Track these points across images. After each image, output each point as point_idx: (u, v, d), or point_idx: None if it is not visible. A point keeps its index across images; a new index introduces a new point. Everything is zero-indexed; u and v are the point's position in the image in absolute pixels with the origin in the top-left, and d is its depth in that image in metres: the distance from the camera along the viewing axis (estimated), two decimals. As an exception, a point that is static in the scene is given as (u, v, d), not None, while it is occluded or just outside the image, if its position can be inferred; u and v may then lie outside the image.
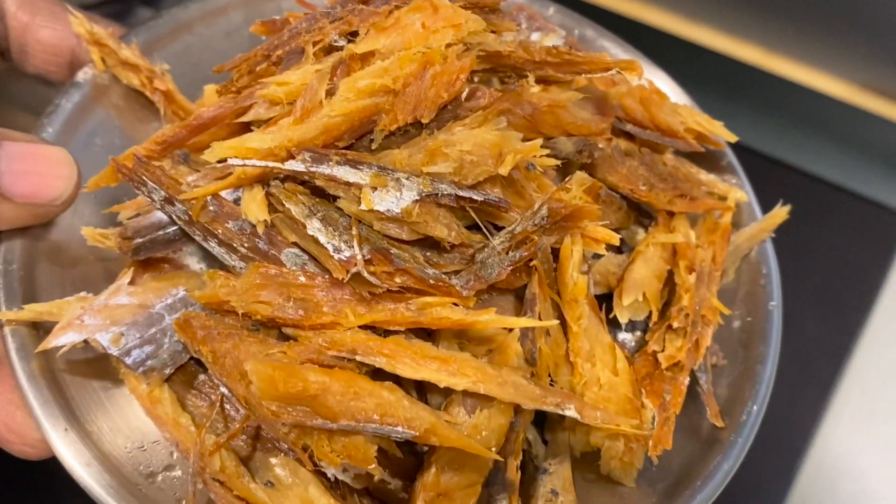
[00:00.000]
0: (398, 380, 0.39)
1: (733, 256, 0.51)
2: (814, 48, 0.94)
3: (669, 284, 0.49)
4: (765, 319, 0.49)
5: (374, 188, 0.38)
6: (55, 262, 0.46)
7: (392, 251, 0.39)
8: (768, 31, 0.95)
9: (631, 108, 0.50)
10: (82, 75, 0.51)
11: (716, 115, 0.53)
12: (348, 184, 0.38)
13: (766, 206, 0.54)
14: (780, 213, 0.52)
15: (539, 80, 0.45)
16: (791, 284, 0.80)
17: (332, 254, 0.38)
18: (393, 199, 0.38)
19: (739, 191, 0.53)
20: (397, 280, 0.39)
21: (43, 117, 0.49)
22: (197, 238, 0.42)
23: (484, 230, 0.41)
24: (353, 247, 0.38)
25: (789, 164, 0.88)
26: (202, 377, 0.44)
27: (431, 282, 0.38)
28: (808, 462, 0.72)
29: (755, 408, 0.46)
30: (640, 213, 0.51)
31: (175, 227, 0.43)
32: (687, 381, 0.45)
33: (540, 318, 0.41)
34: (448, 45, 0.40)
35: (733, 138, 0.51)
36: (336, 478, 0.40)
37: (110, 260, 0.47)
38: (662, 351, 0.45)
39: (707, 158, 0.55)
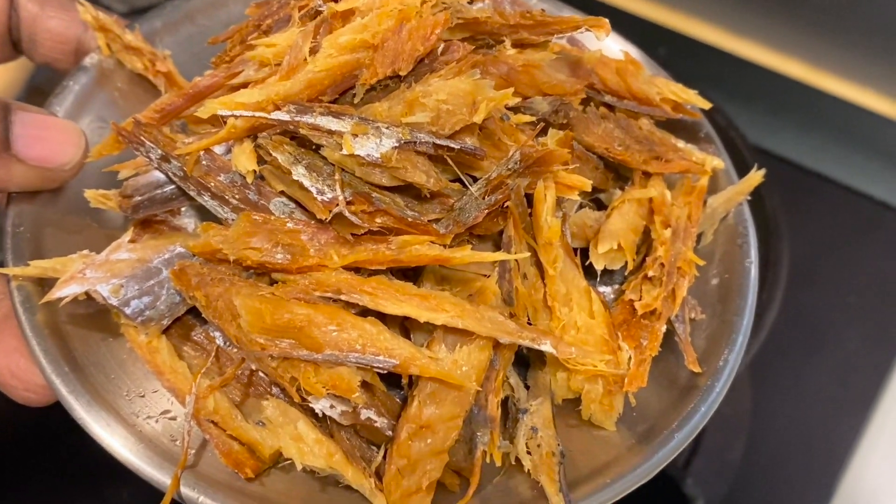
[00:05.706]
0: (384, 323, 0.41)
1: (711, 220, 0.53)
2: (860, 65, 0.95)
3: (647, 242, 0.50)
4: (741, 276, 0.51)
5: (355, 135, 0.40)
6: (61, 228, 0.48)
7: (373, 195, 0.41)
8: (815, 48, 0.97)
9: (608, 78, 0.52)
10: (89, 60, 0.54)
11: (762, 129, 0.53)
12: (331, 132, 0.41)
13: (809, 222, 0.53)
14: (756, 176, 0.53)
15: (515, 45, 0.48)
16: (833, 300, 0.81)
17: (315, 196, 0.40)
18: (373, 146, 0.40)
19: (716, 158, 0.55)
20: (378, 220, 0.41)
21: (51, 97, 0.52)
22: (191, 193, 0.44)
23: (464, 179, 0.43)
24: (335, 189, 0.40)
25: (833, 180, 0.89)
26: (198, 331, 0.46)
27: (410, 220, 0.41)
28: (845, 479, 0.72)
29: (731, 356, 0.47)
30: (620, 178, 0.53)
31: (172, 187, 0.46)
32: (664, 328, 0.47)
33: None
34: (423, 2, 0.43)
35: (707, 105, 0.53)
36: (324, 415, 0.41)
37: (114, 228, 0.50)
38: (640, 300, 0.47)
39: (686, 130, 0.57)
